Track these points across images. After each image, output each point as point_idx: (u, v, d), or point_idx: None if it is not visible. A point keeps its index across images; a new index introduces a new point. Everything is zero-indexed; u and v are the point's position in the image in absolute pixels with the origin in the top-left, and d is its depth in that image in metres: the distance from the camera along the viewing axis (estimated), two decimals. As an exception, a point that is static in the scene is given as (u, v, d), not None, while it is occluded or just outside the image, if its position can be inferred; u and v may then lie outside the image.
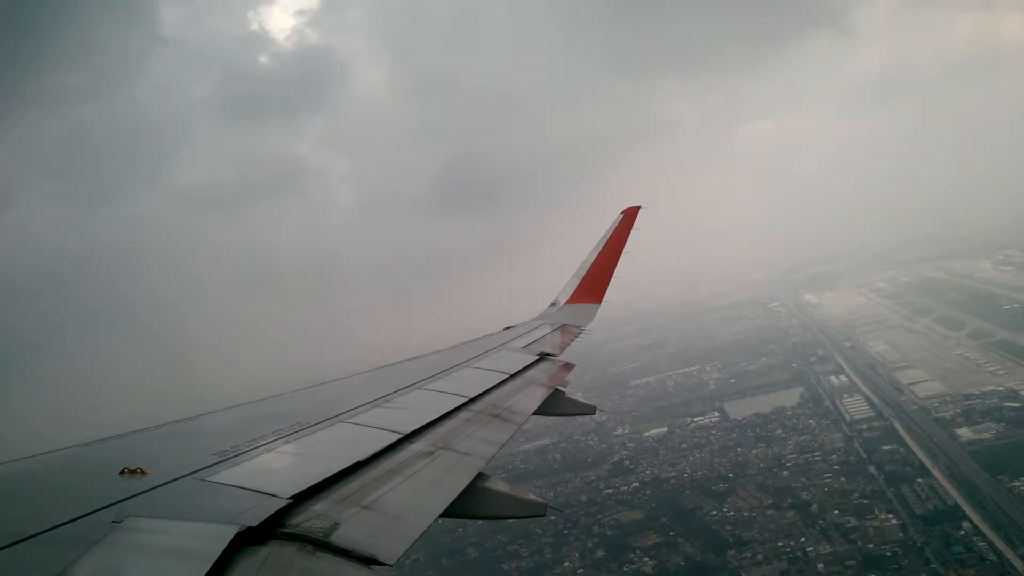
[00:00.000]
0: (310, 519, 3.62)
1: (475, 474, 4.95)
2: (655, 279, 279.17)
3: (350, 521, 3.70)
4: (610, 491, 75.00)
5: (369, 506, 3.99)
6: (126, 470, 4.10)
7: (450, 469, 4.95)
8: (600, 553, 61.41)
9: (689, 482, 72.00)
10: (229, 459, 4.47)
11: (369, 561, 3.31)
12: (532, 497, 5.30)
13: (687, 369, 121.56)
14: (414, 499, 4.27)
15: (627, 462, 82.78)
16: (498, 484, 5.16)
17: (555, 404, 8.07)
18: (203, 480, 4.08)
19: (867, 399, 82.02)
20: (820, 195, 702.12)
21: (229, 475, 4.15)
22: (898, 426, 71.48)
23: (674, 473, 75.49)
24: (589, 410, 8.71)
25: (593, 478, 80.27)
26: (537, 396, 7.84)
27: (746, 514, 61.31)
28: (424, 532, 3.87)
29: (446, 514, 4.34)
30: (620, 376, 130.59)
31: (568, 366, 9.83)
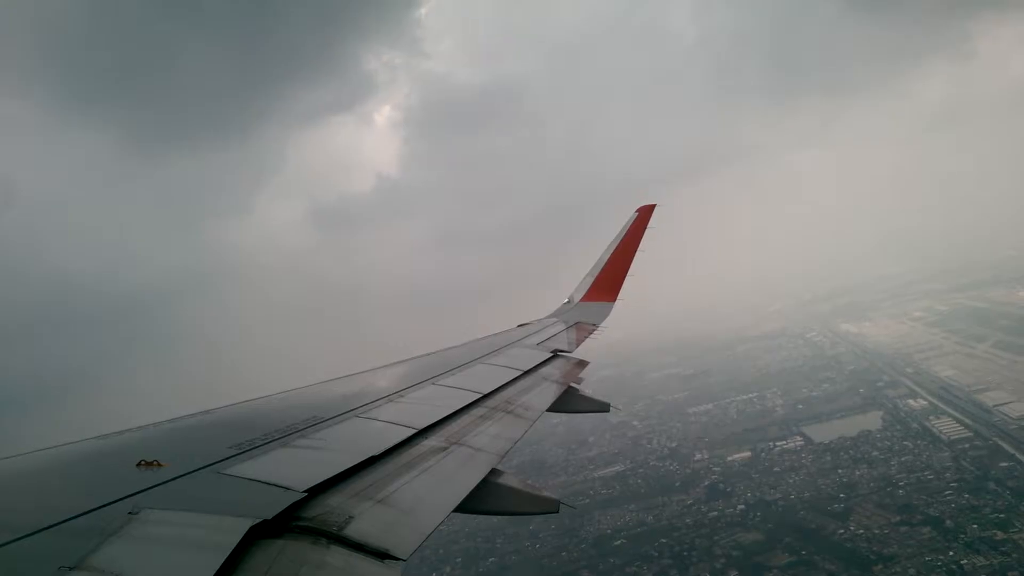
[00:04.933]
0: (325, 513, 3.68)
1: (488, 470, 5.01)
2: (676, 311, 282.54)
3: (364, 515, 3.75)
4: (715, 514, 74.87)
5: (383, 500, 4.04)
6: (143, 462, 4.13)
7: (463, 464, 5.00)
8: (733, 573, 61.26)
9: (799, 503, 72.25)
10: (245, 452, 4.52)
11: (383, 555, 3.37)
12: (545, 493, 5.27)
13: (746, 396, 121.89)
14: (427, 494, 4.32)
15: (721, 485, 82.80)
16: (511, 480, 5.15)
17: (569, 401, 8.16)
18: (219, 473, 4.11)
19: (957, 420, 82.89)
20: (836, 226, 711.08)
21: (245, 468, 4.20)
22: (1004, 445, 72.39)
23: (779, 495, 75.51)
24: (602, 407, 8.62)
25: (690, 501, 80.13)
26: (551, 393, 7.94)
27: (876, 531, 61.59)
28: (437, 527, 3.91)
29: (459, 509, 4.38)
30: (673, 404, 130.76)
31: (582, 363, 9.91)
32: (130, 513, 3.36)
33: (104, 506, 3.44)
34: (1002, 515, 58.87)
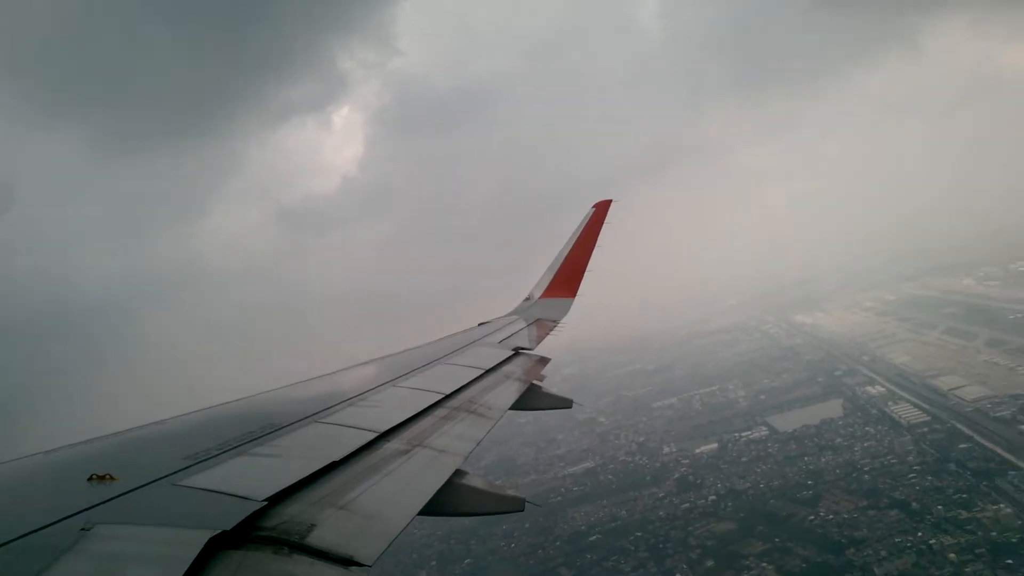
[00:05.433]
0: (285, 521, 3.61)
1: (452, 471, 4.96)
2: (634, 308, 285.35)
3: (326, 522, 3.69)
4: (687, 506, 75.56)
5: (345, 507, 3.98)
6: (94, 476, 3.98)
7: (427, 467, 4.94)
8: (710, 563, 61.78)
9: (768, 492, 73.38)
10: (200, 462, 4.38)
11: (347, 562, 3.31)
12: (510, 492, 5.28)
13: (708, 389, 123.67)
14: (391, 498, 4.27)
15: (691, 477, 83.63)
16: (475, 480, 5.15)
17: (531, 399, 8.16)
18: (174, 484, 3.98)
19: (915, 405, 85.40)
20: (780, 222, 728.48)
21: (201, 479, 4.08)
22: (961, 427, 74.84)
23: (748, 485, 76.62)
24: (565, 404, 8.64)
25: (662, 495, 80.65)
26: (513, 391, 7.93)
27: (846, 516, 62.85)
28: (402, 531, 3.84)
29: (424, 512, 4.33)
30: (638, 400, 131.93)
31: (543, 360, 9.96)
32: (82, 529, 3.22)
33: (55, 523, 3.28)
34: (965, 495, 60.79)
